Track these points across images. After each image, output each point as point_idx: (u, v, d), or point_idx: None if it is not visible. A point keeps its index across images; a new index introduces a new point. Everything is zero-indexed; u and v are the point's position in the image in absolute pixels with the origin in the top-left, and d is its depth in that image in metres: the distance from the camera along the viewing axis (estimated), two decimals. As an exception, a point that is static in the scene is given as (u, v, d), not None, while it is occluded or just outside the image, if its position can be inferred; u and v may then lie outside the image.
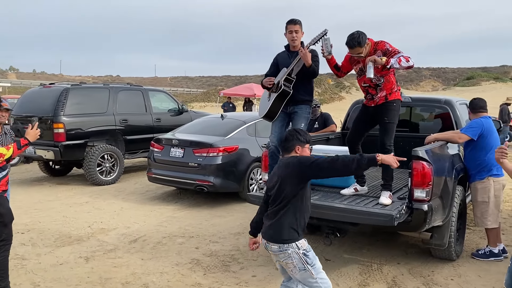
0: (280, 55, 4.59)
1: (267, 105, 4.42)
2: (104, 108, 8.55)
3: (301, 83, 4.35)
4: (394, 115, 4.09)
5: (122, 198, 7.36)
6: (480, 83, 56.48)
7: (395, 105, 4.11)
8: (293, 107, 4.45)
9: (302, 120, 4.43)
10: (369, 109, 4.25)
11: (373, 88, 4.12)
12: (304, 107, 4.48)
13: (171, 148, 6.97)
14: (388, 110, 4.08)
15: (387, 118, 4.06)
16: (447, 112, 5.38)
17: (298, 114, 4.44)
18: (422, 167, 3.72)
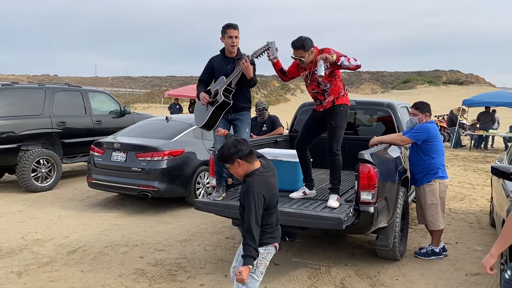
0: (215, 60, 4.49)
1: (204, 114, 4.34)
2: (40, 110, 8.02)
3: (240, 91, 4.33)
4: (341, 119, 4.11)
5: (60, 205, 6.94)
6: (415, 87, 59.49)
7: (342, 109, 4.13)
8: (234, 115, 4.41)
9: (246, 126, 4.41)
10: (318, 113, 4.26)
11: (321, 94, 4.14)
12: (246, 114, 4.47)
13: (112, 152, 6.66)
14: (335, 114, 4.10)
15: (334, 123, 4.08)
16: (389, 115, 5.54)
17: (241, 120, 4.41)
18: (368, 170, 3.77)
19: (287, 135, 5.99)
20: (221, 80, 4.31)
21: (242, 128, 4.39)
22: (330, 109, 4.12)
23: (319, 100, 4.20)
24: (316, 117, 4.26)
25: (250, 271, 2.63)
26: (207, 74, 4.49)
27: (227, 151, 2.80)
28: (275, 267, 4.38)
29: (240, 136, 4.32)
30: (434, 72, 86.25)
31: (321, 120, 4.21)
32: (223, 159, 2.84)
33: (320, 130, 4.30)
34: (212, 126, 4.37)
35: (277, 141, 5.59)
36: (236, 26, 4.30)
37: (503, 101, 16.53)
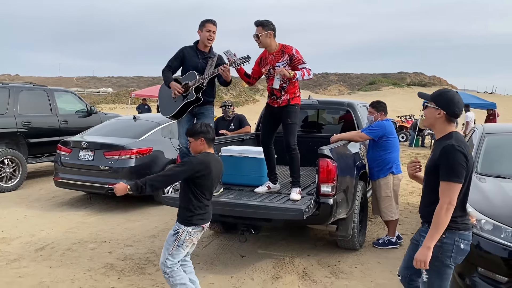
0: (188, 51, 4.53)
1: (173, 106, 4.44)
2: (3, 109, 7.92)
3: (208, 87, 4.46)
4: (296, 117, 4.35)
5: (26, 205, 6.89)
6: (380, 88, 61.11)
7: (296, 108, 4.37)
8: (198, 108, 4.52)
9: (209, 120, 4.53)
10: (274, 109, 4.44)
11: (278, 91, 4.33)
12: (209, 108, 4.60)
13: (80, 151, 6.68)
14: (291, 112, 4.31)
15: (290, 120, 4.29)
16: (350, 114, 5.83)
17: (205, 115, 4.53)
18: (327, 164, 4.02)
19: (254, 133, 6.19)
20: (192, 74, 4.39)
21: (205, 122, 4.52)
22: (286, 107, 4.33)
23: (275, 96, 4.38)
24: (272, 113, 4.46)
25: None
26: (176, 62, 4.53)
27: (199, 128, 3.31)
28: (241, 258, 4.57)
29: None
30: (399, 74, 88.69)
31: (276, 116, 4.42)
32: (192, 132, 3.31)
33: (277, 125, 4.51)
34: (178, 117, 4.49)
35: (243, 139, 5.78)
36: (215, 22, 4.44)
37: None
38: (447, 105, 2.46)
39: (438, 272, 2.48)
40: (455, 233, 2.45)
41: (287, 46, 4.29)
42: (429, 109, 2.53)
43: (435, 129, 2.55)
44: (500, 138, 4.96)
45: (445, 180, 2.39)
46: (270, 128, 4.52)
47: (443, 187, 2.40)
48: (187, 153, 4.46)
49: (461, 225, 2.48)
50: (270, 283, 4.02)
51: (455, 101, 2.48)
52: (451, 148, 2.39)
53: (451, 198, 2.37)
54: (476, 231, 3.37)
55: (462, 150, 2.39)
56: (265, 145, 4.52)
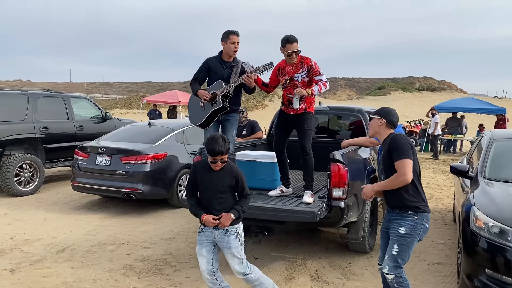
0: (212, 62, 4.66)
1: (201, 114, 4.60)
2: (23, 116, 8.18)
3: (234, 96, 4.62)
4: (311, 124, 4.59)
5: (44, 208, 7.12)
6: (389, 93, 60.96)
7: (311, 115, 4.60)
8: (224, 116, 4.67)
9: (233, 128, 4.69)
10: (289, 116, 4.62)
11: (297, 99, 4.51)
12: (235, 115, 4.75)
13: (97, 156, 6.89)
14: (308, 119, 4.53)
15: (307, 126, 4.51)
16: (360, 120, 5.98)
17: (230, 122, 4.68)
18: (338, 168, 4.17)
19: (266, 139, 6.37)
20: (218, 84, 4.54)
21: (230, 129, 4.66)
22: (303, 115, 4.52)
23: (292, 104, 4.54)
24: (286, 120, 4.64)
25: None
26: (202, 74, 4.66)
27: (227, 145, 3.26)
28: (255, 260, 4.72)
29: (227, 135, 4.62)
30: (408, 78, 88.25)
31: (291, 123, 4.61)
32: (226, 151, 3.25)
33: (290, 131, 4.69)
34: (206, 126, 4.65)
35: (256, 144, 5.95)
36: (239, 33, 4.56)
37: (470, 107, 17.37)
38: (386, 115, 3.28)
39: (408, 246, 3.13)
40: (423, 215, 3.14)
41: (306, 58, 4.48)
42: (373, 120, 3.33)
43: (380, 134, 3.32)
44: (508, 143, 5.07)
45: (398, 159, 3.08)
46: (284, 134, 4.70)
47: (398, 165, 3.07)
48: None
49: (426, 208, 3.16)
50: (284, 284, 4.17)
51: (392, 113, 3.31)
52: (395, 136, 3.20)
53: (405, 171, 3.04)
54: (484, 234, 3.50)
55: (404, 136, 3.20)
56: (279, 150, 4.69)
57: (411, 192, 3.13)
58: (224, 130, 4.72)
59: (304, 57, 4.49)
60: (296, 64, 4.49)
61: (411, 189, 3.13)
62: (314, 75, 4.43)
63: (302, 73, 4.45)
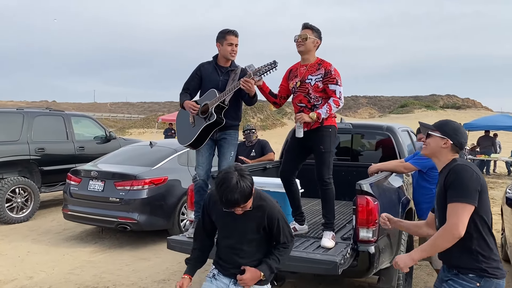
0: (206, 68, 3.88)
1: (192, 132, 3.80)
2: (16, 136, 7.54)
3: (231, 107, 3.79)
4: (330, 143, 3.57)
5: (33, 239, 6.37)
6: (413, 111, 59.36)
7: (331, 131, 3.59)
8: (220, 134, 3.85)
9: (232, 148, 3.86)
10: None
11: (308, 109, 3.60)
12: (233, 133, 3.92)
13: (89, 180, 6.13)
14: (324, 136, 3.54)
15: (323, 147, 3.53)
16: (389, 139, 5.07)
17: (228, 141, 3.86)
18: (367, 202, 3.26)
19: (278, 161, 5.49)
20: (211, 93, 3.74)
21: (228, 149, 3.83)
22: (318, 131, 3.57)
23: None
24: (299, 139, 3.68)
25: None
26: (194, 82, 3.89)
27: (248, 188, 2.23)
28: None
29: (224, 158, 3.81)
30: (431, 96, 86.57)
31: (305, 142, 3.65)
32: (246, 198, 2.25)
33: (305, 154, 3.76)
34: (198, 146, 3.83)
35: (266, 167, 5.09)
36: (237, 33, 3.78)
37: (504, 124, 16.14)
38: (454, 135, 2.30)
39: None
40: (491, 282, 2.14)
41: (326, 62, 3.61)
42: (433, 138, 2.34)
43: (439, 159, 2.35)
44: None
45: (452, 201, 2.14)
46: (294, 158, 3.75)
47: (450, 210, 2.14)
48: (204, 188, 3.81)
49: (497, 271, 2.15)
50: None
51: (461, 131, 2.34)
52: (459, 166, 2.20)
53: (457, 222, 2.09)
54: None
55: (471, 168, 2.19)
56: (286, 179, 3.74)
57: (476, 247, 2.16)
58: (220, 151, 3.89)
59: (324, 60, 3.62)
60: (312, 65, 3.61)
61: (476, 243, 2.16)
62: (329, 82, 3.51)
63: (317, 76, 3.55)
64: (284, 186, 3.74)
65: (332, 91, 3.51)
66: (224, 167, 3.55)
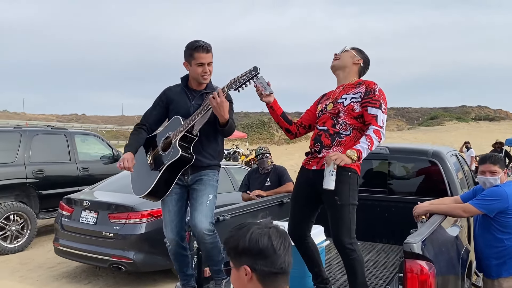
0: (174, 92, 3.01)
1: (150, 177, 2.89)
2: (12, 157, 6.88)
3: (206, 140, 2.91)
4: (350, 193, 2.56)
5: (21, 275, 5.62)
6: (443, 123, 57.37)
7: (351, 175, 2.58)
8: (193, 176, 2.92)
9: (209, 189, 2.89)
10: (309, 175, 2.73)
11: (328, 136, 2.67)
12: (212, 173, 2.96)
13: (82, 211, 5.35)
14: (340, 182, 2.50)
15: (339, 198, 2.53)
16: (436, 168, 4.07)
17: (203, 181, 2.90)
18: (421, 270, 2.30)
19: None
20: (175, 121, 2.87)
21: (202, 192, 2.86)
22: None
23: (319, 143, 2.68)
24: (307, 182, 2.72)
25: None
26: (156, 112, 3.01)
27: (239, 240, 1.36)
28: None
29: (198, 203, 2.83)
30: (461, 108, 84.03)
31: (314, 188, 2.67)
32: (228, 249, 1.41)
33: (314, 204, 2.78)
34: (162, 195, 2.92)
35: (283, 202, 4.18)
36: (209, 47, 2.87)
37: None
38: None
39: None
40: None
41: (369, 81, 2.72)
42: None
43: None
44: None
45: None
46: (305, 209, 2.77)
47: None
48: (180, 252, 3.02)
49: None
50: None
51: None
52: None
53: None
54: None
55: None
56: (297, 238, 2.76)
57: None
58: (192, 196, 2.91)
59: (367, 80, 2.73)
60: (350, 84, 2.72)
61: None
62: (369, 105, 2.60)
63: (354, 94, 2.66)
64: (297, 246, 2.76)
65: (373, 116, 2.58)
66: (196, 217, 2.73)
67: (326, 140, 2.65)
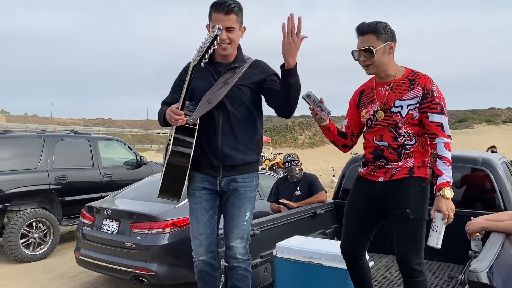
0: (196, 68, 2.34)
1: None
2: (35, 163, 6.78)
3: (238, 127, 2.38)
4: (423, 206, 2.30)
5: (42, 285, 5.47)
6: (472, 126, 55.87)
7: (424, 186, 2.32)
8: (228, 181, 2.45)
9: (247, 206, 2.47)
10: (374, 187, 2.41)
11: (392, 151, 2.35)
12: (249, 180, 2.48)
13: (103, 220, 5.15)
14: (414, 193, 2.27)
15: (412, 211, 2.24)
16: (487, 177, 3.68)
17: (240, 194, 2.44)
18: (489, 302, 1.96)
19: (332, 202, 4.24)
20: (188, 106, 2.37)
21: (239, 209, 2.45)
22: (402, 184, 2.31)
23: (384, 159, 2.38)
24: (369, 196, 2.41)
25: None
26: (176, 96, 2.44)
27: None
28: None
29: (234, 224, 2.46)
30: (490, 110, 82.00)
31: (379, 201, 2.37)
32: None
33: (377, 221, 2.48)
34: (176, 193, 2.46)
35: (316, 213, 3.86)
36: (230, 7, 2.27)
37: None
38: None
39: None
40: None
41: (421, 75, 2.35)
42: None
43: None
44: None
45: None
46: (361, 227, 2.47)
47: None
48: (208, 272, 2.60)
49: None
50: None
51: None
52: None
53: None
54: None
55: None
56: (351, 257, 2.47)
57: None
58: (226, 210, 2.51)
59: (417, 73, 2.36)
60: (399, 81, 2.36)
61: None
62: (430, 110, 2.26)
63: (411, 100, 2.30)
64: (348, 267, 2.47)
65: (437, 125, 2.26)
66: (230, 239, 2.40)
67: (392, 156, 2.36)
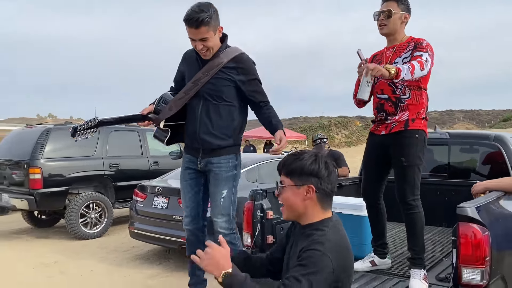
0: (189, 56, 2.83)
1: None
2: (91, 151, 7.58)
3: (216, 115, 2.68)
4: (416, 154, 2.70)
5: (100, 257, 6.19)
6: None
7: (418, 137, 2.72)
8: (205, 162, 2.77)
9: (223, 185, 2.74)
10: (379, 140, 2.87)
11: (392, 104, 2.78)
12: (225, 162, 2.74)
13: (154, 197, 5.82)
14: (407, 145, 2.70)
15: (406, 160, 2.69)
16: (499, 152, 4.05)
17: (215, 176, 2.73)
18: (473, 233, 2.39)
19: (357, 177, 4.70)
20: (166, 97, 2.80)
21: (217, 188, 2.75)
22: (399, 136, 2.75)
23: (384, 113, 2.82)
24: (376, 146, 2.89)
25: None
26: (177, 78, 2.94)
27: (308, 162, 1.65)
28: None
29: (212, 199, 2.79)
30: (536, 108, 78.39)
31: (383, 151, 2.84)
32: (289, 169, 1.68)
33: (385, 167, 2.94)
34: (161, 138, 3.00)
35: (341, 185, 4.34)
36: (199, 21, 2.46)
37: None
38: None
39: None
40: None
41: (419, 38, 2.81)
42: None
43: None
44: None
45: None
46: (375, 173, 2.98)
47: None
48: (195, 239, 2.95)
49: None
50: None
51: None
52: None
53: None
54: None
55: None
56: (370, 199, 3.00)
57: None
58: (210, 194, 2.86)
59: (416, 38, 2.82)
60: (401, 45, 2.81)
61: None
62: (417, 51, 2.68)
63: (405, 53, 2.76)
64: (367, 207, 2.98)
65: (418, 55, 2.63)
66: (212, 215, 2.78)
67: (390, 108, 2.78)
